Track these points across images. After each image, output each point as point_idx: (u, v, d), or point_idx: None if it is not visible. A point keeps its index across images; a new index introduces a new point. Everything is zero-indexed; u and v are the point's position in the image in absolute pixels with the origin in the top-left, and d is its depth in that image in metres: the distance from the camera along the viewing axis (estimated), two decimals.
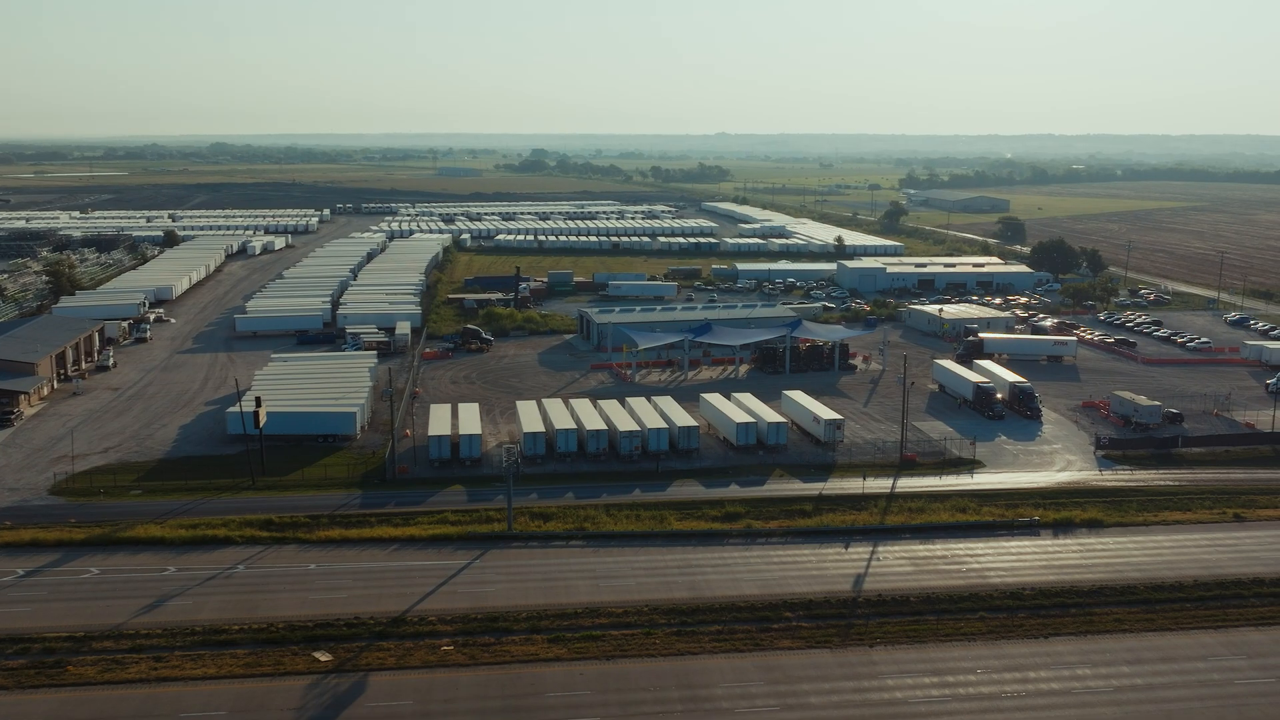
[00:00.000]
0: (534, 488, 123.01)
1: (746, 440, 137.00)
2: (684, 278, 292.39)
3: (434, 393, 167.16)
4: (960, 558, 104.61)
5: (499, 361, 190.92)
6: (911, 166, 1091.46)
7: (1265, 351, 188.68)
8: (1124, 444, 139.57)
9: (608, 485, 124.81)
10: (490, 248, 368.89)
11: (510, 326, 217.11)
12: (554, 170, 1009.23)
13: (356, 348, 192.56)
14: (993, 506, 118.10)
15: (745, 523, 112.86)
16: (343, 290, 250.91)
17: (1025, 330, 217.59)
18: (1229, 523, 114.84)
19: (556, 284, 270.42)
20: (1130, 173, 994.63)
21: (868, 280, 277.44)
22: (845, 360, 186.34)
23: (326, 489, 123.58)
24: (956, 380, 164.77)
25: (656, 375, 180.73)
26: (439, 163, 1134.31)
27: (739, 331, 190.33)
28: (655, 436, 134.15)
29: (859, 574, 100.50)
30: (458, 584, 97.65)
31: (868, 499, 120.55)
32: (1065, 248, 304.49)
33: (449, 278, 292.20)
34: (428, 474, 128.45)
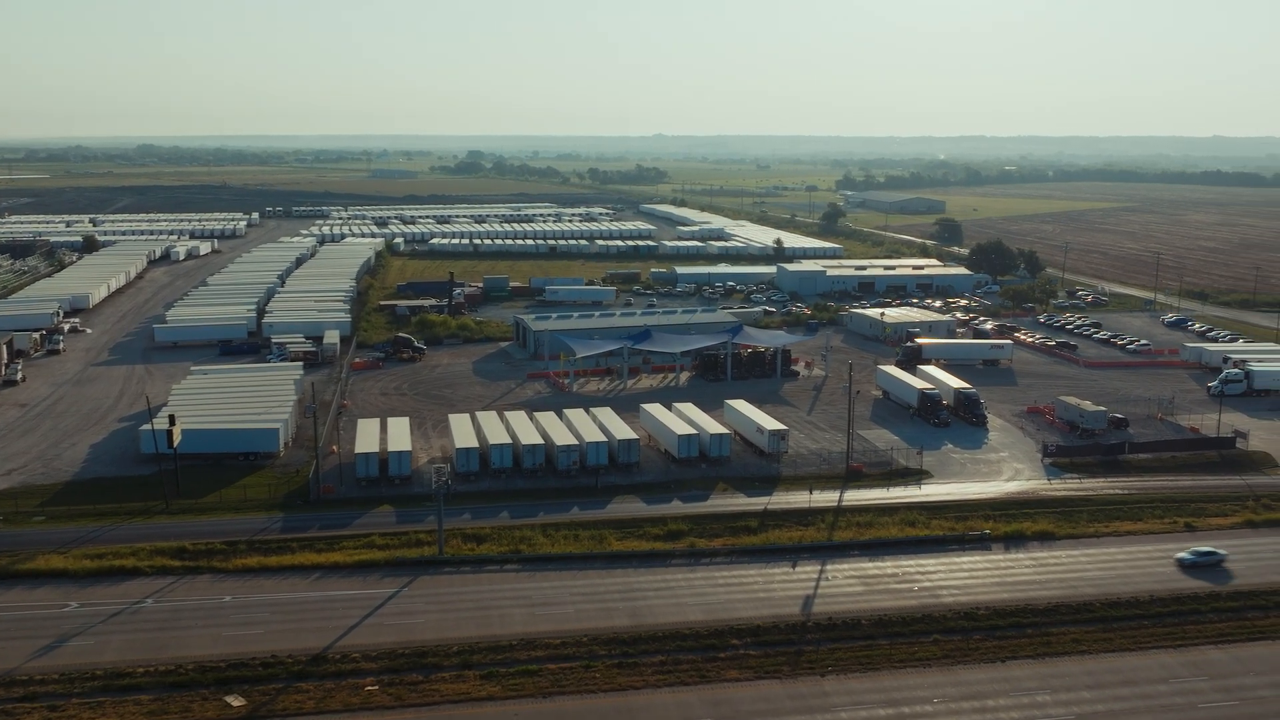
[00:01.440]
0: (467, 507, 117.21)
1: (688, 453, 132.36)
2: (622, 282, 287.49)
3: (363, 405, 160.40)
4: (911, 575, 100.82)
5: (432, 371, 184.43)
6: (848, 168, 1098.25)
7: (1205, 353, 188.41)
8: (1071, 451, 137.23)
9: (545, 503, 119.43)
10: (424, 252, 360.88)
11: (444, 334, 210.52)
12: (491, 172, 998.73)
13: (282, 358, 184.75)
14: (942, 519, 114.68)
15: (689, 541, 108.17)
16: (269, 298, 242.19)
17: (967, 333, 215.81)
18: (1181, 533, 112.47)
19: (492, 289, 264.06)
20: (1061, 174, 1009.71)
21: (808, 283, 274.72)
22: (787, 366, 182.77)
23: (246, 512, 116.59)
24: (901, 387, 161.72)
25: (595, 384, 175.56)
26: (373, 164, 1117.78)
27: (679, 338, 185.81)
28: (594, 450, 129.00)
29: (808, 595, 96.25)
30: (384, 615, 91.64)
31: (815, 513, 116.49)
32: (1003, 249, 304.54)
33: (381, 283, 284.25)
34: (354, 493, 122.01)
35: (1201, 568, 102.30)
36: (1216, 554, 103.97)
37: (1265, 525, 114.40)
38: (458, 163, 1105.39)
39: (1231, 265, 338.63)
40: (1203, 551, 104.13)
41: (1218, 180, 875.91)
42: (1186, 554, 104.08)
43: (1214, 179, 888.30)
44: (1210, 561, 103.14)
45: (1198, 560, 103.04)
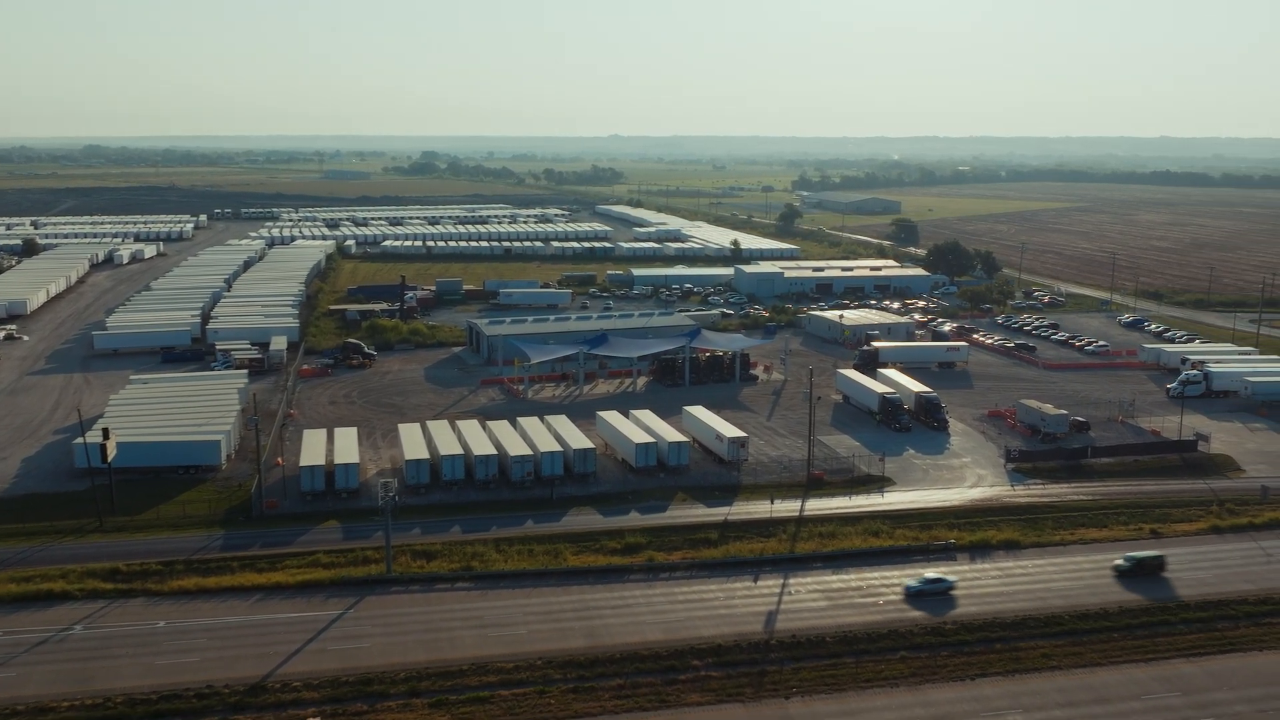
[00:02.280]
0: (416, 521, 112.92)
1: (646, 462, 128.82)
2: (578, 284, 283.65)
3: (310, 414, 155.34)
4: (876, 588, 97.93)
5: (382, 378, 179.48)
6: (803, 168, 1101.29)
7: (1163, 355, 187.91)
8: (1034, 456, 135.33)
9: (498, 516, 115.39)
10: (376, 254, 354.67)
11: (395, 339, 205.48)
12: (445, 173, 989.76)
13: (227, 366, 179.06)
14: (906, 529, 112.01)
15: (647, 555, 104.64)
16: (215, 302, 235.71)
17: (926, 335, 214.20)
18: (1146, 539, 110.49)
19: (445, 293, 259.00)
20: (1014, 174, 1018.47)
21: (765, 285, 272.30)
22: (746, 370, 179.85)
23: (184, 529, 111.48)
24: (861, 391, 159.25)
25: (551, 390, 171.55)
26: (325, 165, 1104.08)
27: (636, 342, 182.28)
28: (549, 460, 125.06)
29: (770, 611, 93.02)
30: (328, 640, 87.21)
31: (776, 524, 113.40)
32: (960, 250, 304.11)
33: (331, 287, 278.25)
34: (299, 508, 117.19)
35: (927, 596, 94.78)
36: (945, 581, 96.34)
37: (1230, 531, 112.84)
38: (411, 163, 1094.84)
39: (1184, 265, 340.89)
40: (931, 579, 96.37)
41: (1166, 180, 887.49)
42: (914, 582, 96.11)
43: (1163, 179, 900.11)
44: (938, 589, 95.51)
45: (924, 589, 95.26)
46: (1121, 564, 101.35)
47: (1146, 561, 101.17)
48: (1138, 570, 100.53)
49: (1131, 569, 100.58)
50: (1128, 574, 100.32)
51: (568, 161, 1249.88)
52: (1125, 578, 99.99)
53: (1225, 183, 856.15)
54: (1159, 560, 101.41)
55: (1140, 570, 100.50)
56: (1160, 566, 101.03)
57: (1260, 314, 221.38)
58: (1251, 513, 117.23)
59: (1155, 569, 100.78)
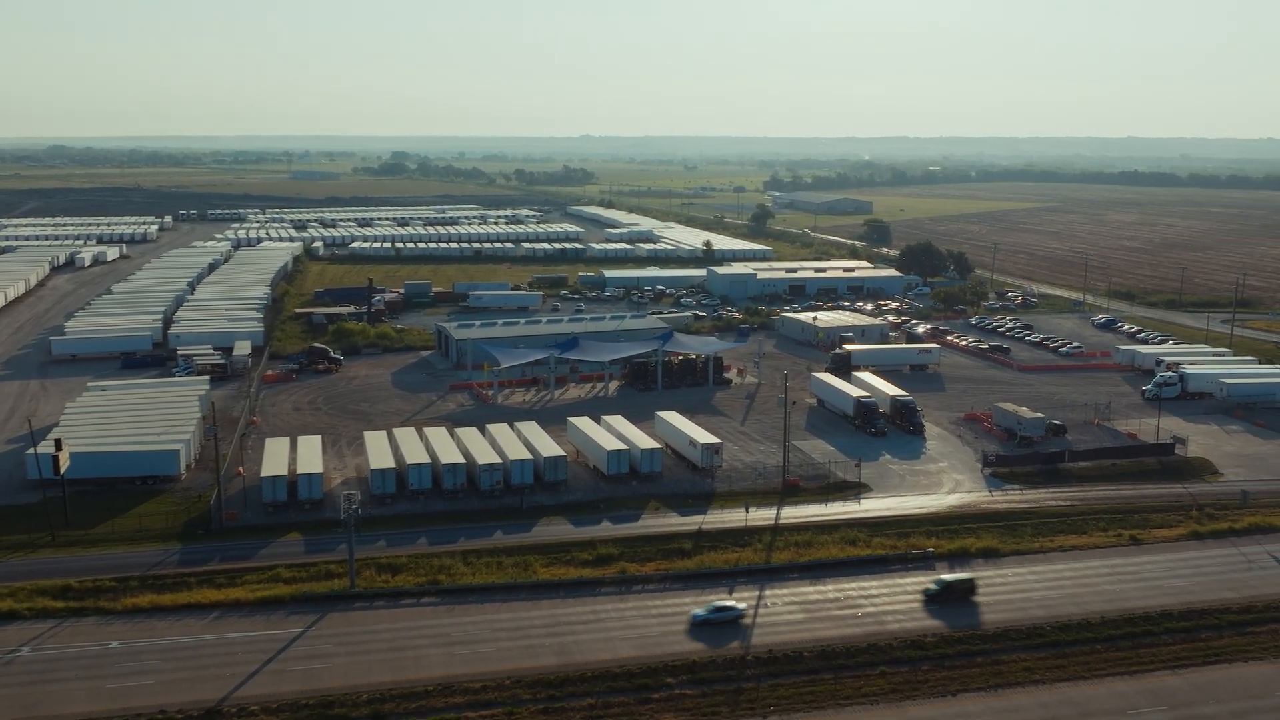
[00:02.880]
0: (382, 533, 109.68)
1: (618, 469, 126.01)
2: (549, 286, 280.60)
3: (274, 421, 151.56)
4: (855, 600, 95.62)
5: (349, 383, 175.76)
6: (775, 168, 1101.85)
7: (1138, 356, 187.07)
8: (1011, 460, 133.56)
9: (466, 527, 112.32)
10: (345, 256, 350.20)
11: (362, 343, 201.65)
12: (415, 173, 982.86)
13: (188, 371, 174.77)
14: (884, 537, 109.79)
15: (619, 567, 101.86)
16: (178, 306, 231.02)
17: (900, 337, 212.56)
18: (1126, 546, 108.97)
19: (414, 295, 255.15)
20: (984, 174, 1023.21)
21: (738, 287, 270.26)
22: (720, 374, 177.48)
23: (140, 543, 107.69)
24: (836, 394, 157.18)
25: (521, 395, 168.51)
26: (294, 166, 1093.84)
27: (608, 346, 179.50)
28: (519, 469, 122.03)
29: (747, 625, 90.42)
30: (288, 660, 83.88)
31: (751, 533, 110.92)
32: (933, 250, 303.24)
33: (298, 290, 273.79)
34: (260, 520, 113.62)
35: (715, 625, 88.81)
36: (735, 609, 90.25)
37: (1211, 537, 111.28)
38: (381, 164, 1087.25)
39: (1155, 265, 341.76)
40: (719, 607, 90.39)
41: (1135, 180, 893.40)
42: (701, 610, 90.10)
43: (1131, 179, 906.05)
44: (726, 618, 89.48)
45: (710, 617, 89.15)
46: (931, 588, 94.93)
47: (956, 585, 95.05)
48: (946, 594, 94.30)
49: (940, 593, 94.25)
50: (936, 598, 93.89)
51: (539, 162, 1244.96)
52: (934, 602, 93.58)
53: (1192, 183, 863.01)
54: (969, 584, 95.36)
55: (950, 594, 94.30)
56: (971, 590, 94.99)
57: (1234, 315, 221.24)
58: (1231, 518, 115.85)
59: (965, 593, 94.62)
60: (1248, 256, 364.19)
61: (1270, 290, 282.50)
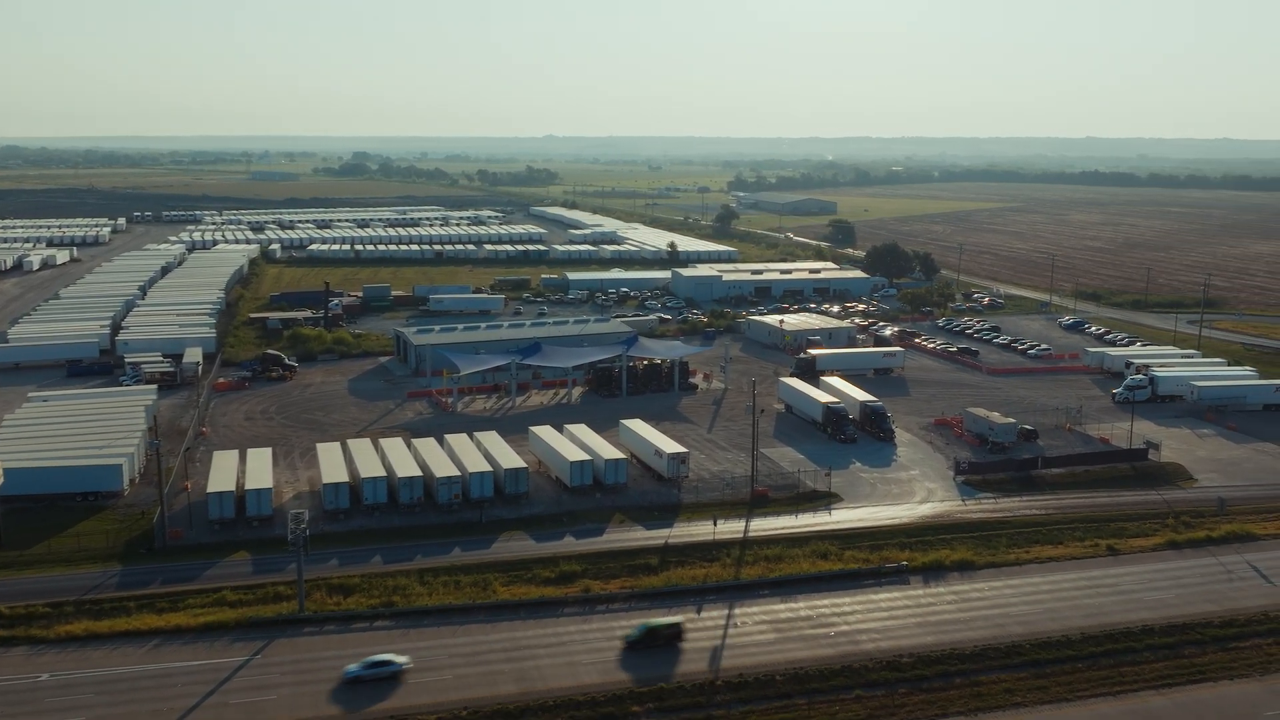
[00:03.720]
0: (334, 550, 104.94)
1: (582, 480, 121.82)
2: (512, 289, 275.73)
3: (224, 432, 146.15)
4: (827, 618, 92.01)
5: (303, 391, 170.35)
6: (739, 168, 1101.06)
7: (1107, 358, 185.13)
8: (984, 468, 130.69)
9: (423, 543, 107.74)
10: (303, 259, 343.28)
11: (318, 349, 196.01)
12: (376, 174, 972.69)
13: (136, 380, 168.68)
14: (856, 549, 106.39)
15: (582, 585, 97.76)
16: (128, 311, 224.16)
17: (868, 340, 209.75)
18: (1104, 557, 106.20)
19: (372, 299, 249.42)
20: (946, 174, 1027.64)
21: (704, 289, 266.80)
22: (685, 379, 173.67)
23: (78, 565, 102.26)
24: (804, 400, 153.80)
25: (482, 403, 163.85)
26: (253, 166, 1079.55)
27: (571, 351, 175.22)
28: (478, 481, 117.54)
29: (716, 646, 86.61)
30: (230, 691, 79.08)
31: (719, 547, 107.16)
32: (899, 251, 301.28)
33: (253, 294, 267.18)
34: (207, 538, 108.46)
35: (367, 683, 79.29)
36: (392, 664, 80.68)
37: (1188, 546, 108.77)
38: (342, 164, 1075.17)
39: (1119, 265, 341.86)
40: (374, 662, 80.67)
41: (1095, 180, 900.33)
42: (355, 666, 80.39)
43: (1091, 179, 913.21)
44: (381, 674, 79.97)
45: (363, 674, 79.80)
46: (632, 634, 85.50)
47: (661, 630, 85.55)
48: (649, 641, 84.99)
49: (642, 639, 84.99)
50: (637, 645, 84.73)
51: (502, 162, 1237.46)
52: (635, 651, 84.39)
53: (1152, 183, 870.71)
54: (675, 629, 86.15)
55: (653, 641, 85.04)
56: (677, 635, 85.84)
57: (1202, 316, 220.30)
58: (1208, 525, 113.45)
59: (671, 639, 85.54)
60: (1210, 256, 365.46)
61: (1234, 290, 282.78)
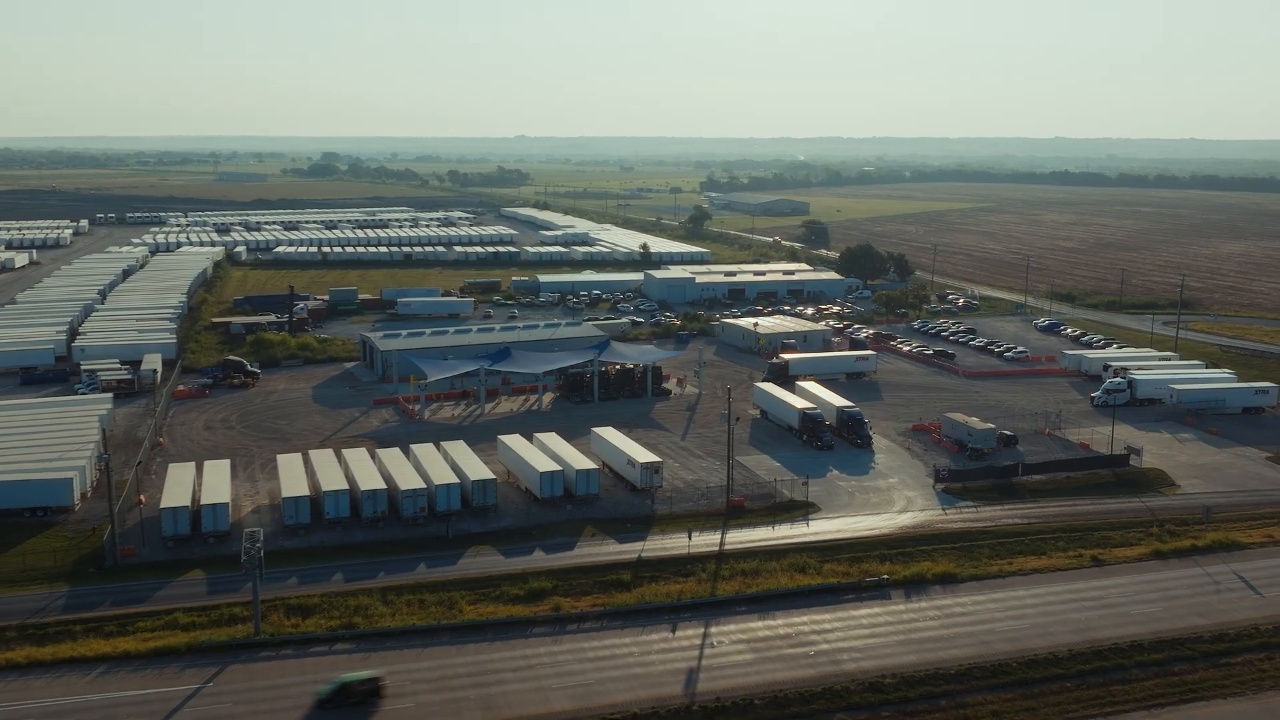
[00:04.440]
0: (293, 569, 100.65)
1: (552, 492, 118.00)
2: (481, 291, 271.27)
3: (182, 442, 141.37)
4: (807, 636, 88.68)
5: (266, 399, 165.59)
6: (711, 169, 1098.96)
7: (1085, 361, 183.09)
8: (964, 475, 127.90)
9: (387, 559, 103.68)
10: (268, 261, 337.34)
11: (282, 355, 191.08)
12: (346, 175, 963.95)
13: (92, 388, 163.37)
14: (835, 563, 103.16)
15: (553, 602, 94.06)
16: (86, 316, 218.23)
17: (843, 343, 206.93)
18: (1089, 568, 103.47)
19: (339, 302, 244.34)
20: (918, 174, 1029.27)
21: (677, 291, 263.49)
22: (659, 385, 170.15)
23: (23, 585, 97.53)
24: (780, 406, 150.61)
25: (450, 410, 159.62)
26: (220, 167, 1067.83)
27: (542, 356, 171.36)
28: (444, 493, 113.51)
29: (691, 668, 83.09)
30: None
31: (694, 561, 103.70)
32: (873, 252, 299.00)
33: (217, 298, 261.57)
34: (160, 556, 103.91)
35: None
36: None
37: (1174, 556, 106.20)
38: (311, 165, 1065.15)
39: (1092, 265, 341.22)
40: None
41: (1065, 180, 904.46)
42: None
43: (1062, 179, 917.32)
44: None
45: None
46: (323, 690, 76.72)
47: (355, 686, 76.81)
48: (341, 698, 76.13)
49: (333, 696, 76.19)
50: (329, 703, 75.97)
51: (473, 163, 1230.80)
52: (325, 708, 75.82)
53: (1121, 182, 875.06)
54: (373, 684, 77.35)
55: (345, 698, 76.19)
56: (375, 692, 77.06)
57: (1179, 318, 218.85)
58: (1193, 534, 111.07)
59: (366, 695, 76.66)
60: (1182, 256, 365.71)
61: (1208, 291, 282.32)
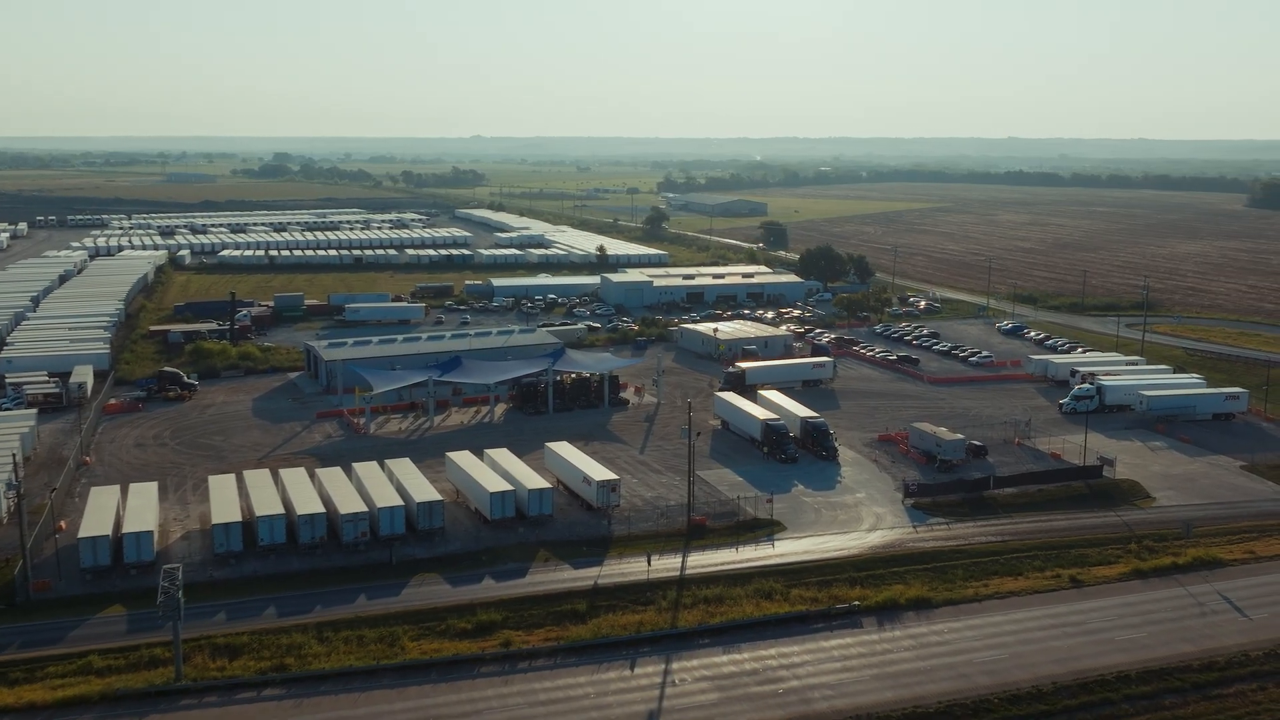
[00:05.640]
0: (223, 603, 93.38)
1: (503, 513, 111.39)
2: (433, 296, 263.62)
3: (110, 462, 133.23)
4: (775, 672, 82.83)
5: (203, 413, 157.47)
6: (668, 169, 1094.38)
7: (1051, 366, 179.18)
8: (934, 490, 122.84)
9: (324, 591, 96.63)
10: (214, 265, 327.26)
11: (222, 365, 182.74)
12: (297, 175, 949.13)
13: (17, 403, 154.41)
14: (803, 587, 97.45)
15: (503, 637, 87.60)
16: (16, 324, 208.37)
17: (805, 348, 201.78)
18: (1068, 589, 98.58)
19: (284, 308, 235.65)
20: (874, 174, 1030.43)
21: (634, 295, 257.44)
22: (616, 394, 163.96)
23: None
24: (742, 416, 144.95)
25: (398, 423, 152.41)
26: (169, 168, 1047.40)
27: (494, 365, 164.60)
28: (388, 517, 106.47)
29: (651, 711, 77.01)
30: None
31: (654, 587, 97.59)
32: (833, 254, 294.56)
33: (157, 304, 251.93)
34: (78, 590, 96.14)
35: None
36: None
37: (1155, 575, 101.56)
38: (262, 165, 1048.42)
39: (1051, 266, 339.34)
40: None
41: (1020, 180, 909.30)
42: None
43: (1016, 179, 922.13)
44: None
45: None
46: None
47: None
48: None
49: None
50: None
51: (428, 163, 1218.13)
52: None
53: (1075, 182, 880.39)
54: None
55: None
56: None
57: (1145, 321, 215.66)
58: (1173, 550, 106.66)
59: None
60: (1140, 257, 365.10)
61: (1168, 292, 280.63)
